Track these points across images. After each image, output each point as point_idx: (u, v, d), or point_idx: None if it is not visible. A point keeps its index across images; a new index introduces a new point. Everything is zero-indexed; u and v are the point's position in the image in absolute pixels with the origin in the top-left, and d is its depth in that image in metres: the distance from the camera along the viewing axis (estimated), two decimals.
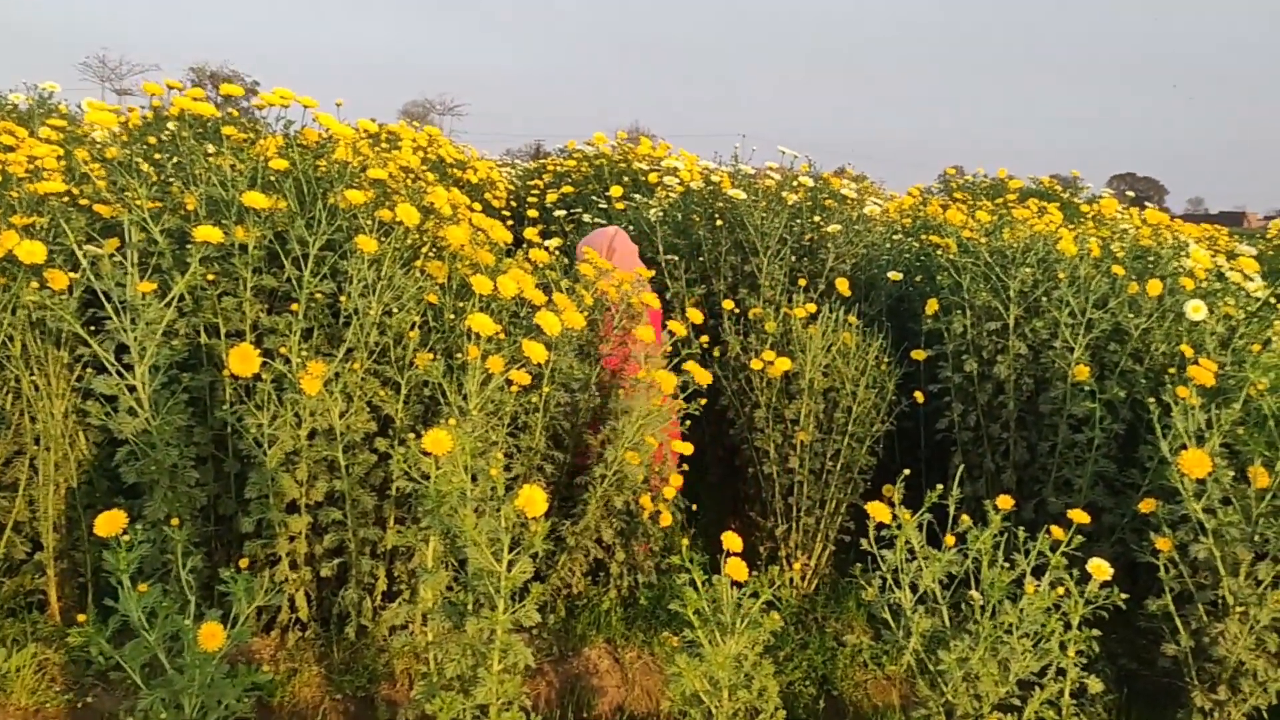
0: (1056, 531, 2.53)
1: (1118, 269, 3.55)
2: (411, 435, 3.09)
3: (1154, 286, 3.39)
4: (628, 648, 3.31)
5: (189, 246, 2.74)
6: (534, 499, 2.13)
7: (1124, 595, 2.50)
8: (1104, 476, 3.37)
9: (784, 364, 3.57)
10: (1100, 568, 2.47)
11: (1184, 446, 2.70)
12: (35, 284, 2.80)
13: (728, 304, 4.06)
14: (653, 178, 5.76)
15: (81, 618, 2.02)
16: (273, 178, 3.13)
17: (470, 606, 2.28)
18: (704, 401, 3.45)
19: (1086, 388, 3.34)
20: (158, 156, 3.39)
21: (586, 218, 5.85)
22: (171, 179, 3.23)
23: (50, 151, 3.28)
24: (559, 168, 7.99)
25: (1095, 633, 2.48)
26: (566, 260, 4.29)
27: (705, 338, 3.98)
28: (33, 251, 2.62)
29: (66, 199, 3.23)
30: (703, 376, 3.29)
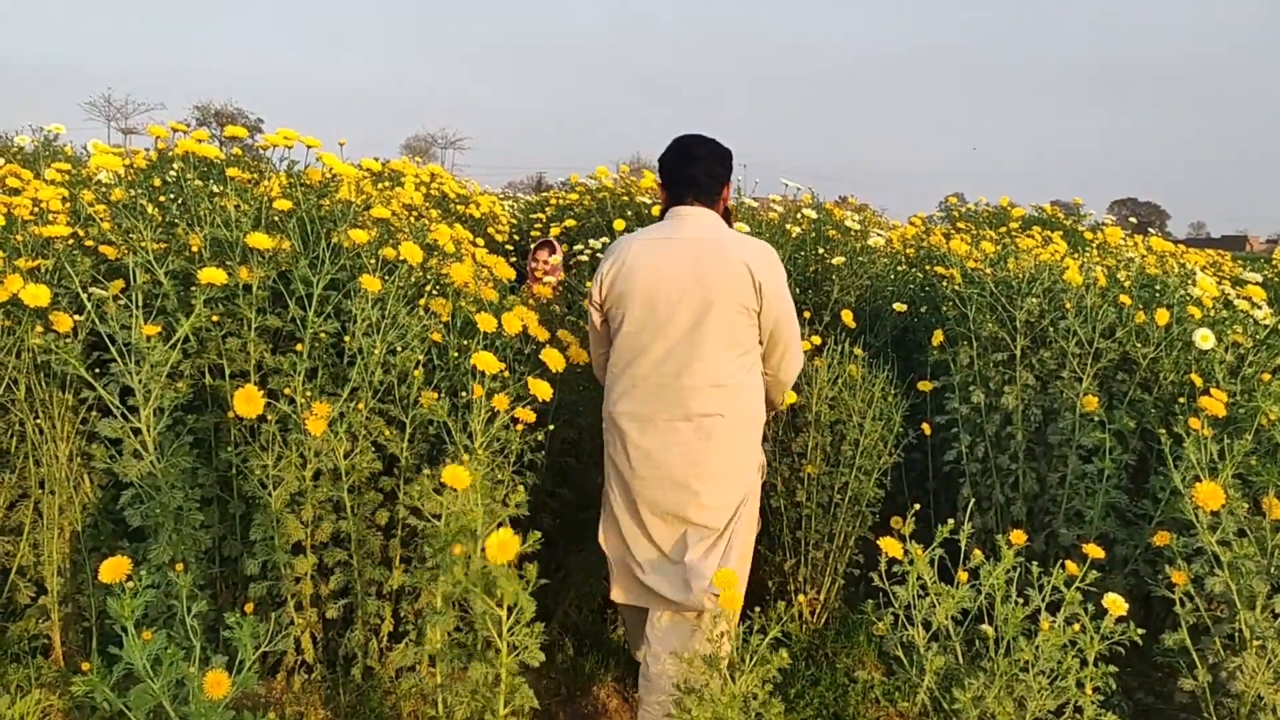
0: (1071, 567, 2.50)
1: (1124, 298, 3.53)
2: (426, 473, 3.08)
3: (1161, 315, 3.37)
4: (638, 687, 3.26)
5: (194, 288, 2.74)
6: (506, 544, 2.08)
7: (1139, 630, 2.46)
8: (1115, 508, 3.33)
9: (790, 397, 3.55)
10: (1116, 603, 2.43)
11: (1197, 478, 2.67)
12: (40, 327, 2.80)
13: None
14: (655, 211, 5.77)
15: (86, 665, 2.00)
16: (277, 218, 3.14)
17: (478, 648, 2.25)
18: None
19: (1095, 418, 3.32)
20: (163, 198, 3.40)
21: (590, 250, 5.86)
22: (176, 220, 3.24)
23: (55, 194, 3.28)
24: (561, 201, 8.02)
25: (1112, 669, 2.44)
26: (570, 295, 4.28)
27: None
28: (37, 295, 2.62)
29: (71, 241, 3.24)
30: None
